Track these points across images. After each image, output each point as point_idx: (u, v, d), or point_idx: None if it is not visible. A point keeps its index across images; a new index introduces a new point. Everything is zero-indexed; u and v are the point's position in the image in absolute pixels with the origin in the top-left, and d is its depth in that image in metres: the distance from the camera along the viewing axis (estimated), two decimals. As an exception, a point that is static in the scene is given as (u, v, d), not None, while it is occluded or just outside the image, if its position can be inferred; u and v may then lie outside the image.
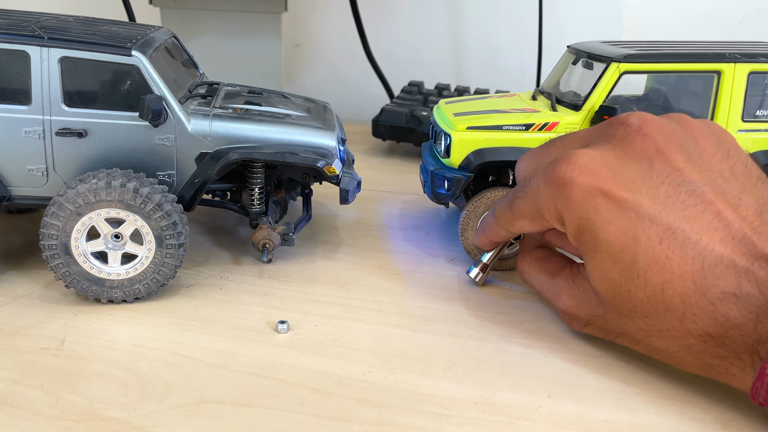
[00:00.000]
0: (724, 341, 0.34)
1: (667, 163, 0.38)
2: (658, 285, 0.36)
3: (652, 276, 0.36)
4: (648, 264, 0.36)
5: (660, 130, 0.39)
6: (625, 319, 0.38)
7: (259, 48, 0.88)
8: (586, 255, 0.39)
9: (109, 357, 0.39)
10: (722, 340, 0.34)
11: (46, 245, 0.43)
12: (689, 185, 0.37)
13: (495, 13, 1.03)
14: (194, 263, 0.52)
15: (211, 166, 0.47)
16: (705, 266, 0.35)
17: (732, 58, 0.50)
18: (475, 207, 0.51)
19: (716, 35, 0.98)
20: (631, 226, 0.36)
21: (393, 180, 0.73)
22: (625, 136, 0.39)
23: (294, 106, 0.53)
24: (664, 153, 0.38)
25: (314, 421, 0.35)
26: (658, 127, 0.39)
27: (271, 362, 0.40)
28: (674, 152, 0.38)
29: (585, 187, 0.38)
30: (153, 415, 0.34)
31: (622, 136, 0.39)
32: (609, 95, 0.50)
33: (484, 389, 0.38)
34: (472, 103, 0.57)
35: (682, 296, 0.35)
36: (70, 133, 0.45)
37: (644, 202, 0.37)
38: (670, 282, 0.35)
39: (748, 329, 0.33)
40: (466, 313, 0.46)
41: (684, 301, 0.35)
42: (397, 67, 1.02)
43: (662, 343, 0.37)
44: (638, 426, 0.35)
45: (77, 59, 0.44)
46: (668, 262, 0.35)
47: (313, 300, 0.47)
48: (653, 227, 0.36)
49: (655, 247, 0.36)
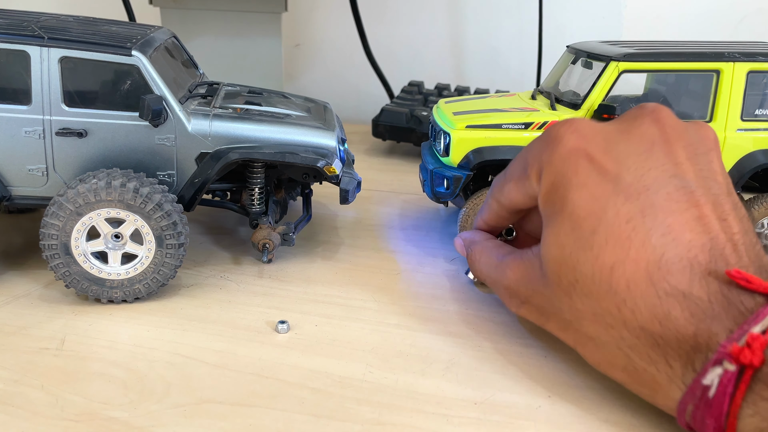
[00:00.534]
0: (658, 341, 0.32)
1: (668, 153, 0.37)
2: (608, 263, 0.34)
3: (606, 252, 0.34)
4: (606, 239, 0.34)
5: (672, 123, 0.38)
6: (562, 295, 0.36)
7: (259, 48, 0.88)
8: (549, 217, 0.38)
9: (109, 357, 0.39)
10: (656, 339, 0.32)
11: (46, 245, 0.43)
12: (682, 181, 0.35)
13: (495, 13, 1.03)
14: (194, 263, 0.52)
15: (211, 166, 0.47)
16: (663, 259, 0.33)
17: (731, 57, 0.50)
18: (475, 205, 0.51)
19: (716, 35, 0.98)
20: (604, 195, 0.35)
21: (393, 180, 0.73)
22: (636, 115, 0.39)
23: (294, 106, 0.53)
24: (669, 143, 0.37)
25: (314, 421, 0.35)
26: (671, 120, 0.38)
27: (271, 362, 0.40)
28: (679, 146, 0.37)
29: (572, 147, 0.37)
30: (153, 415, 0.34)
31: (634, 115, 0.39)
32: (608, 94, 0.50)
33: (484, 389, 0.38)
34: (471, 102, 0.57)
35: (629, 281, 0.33)
36: (70, 133, 0.45)
37: (626, 178, 0.35)
38: (622, 263, 0.34)
39: (687, 333, 0.32)
40: (466, 313, 0.46)
41: (629, 287, 0.33)
42: (397, 67, 1.02)
43: (593, 330, 0.35)
44: (638, 426, 0.35)
45: (77, 59, 0.44)
46: (627, 243, 0.34)
47: (313, 300, 0.47)
48: (626, 204, 0.35)
49: (621, 224, 0.34)
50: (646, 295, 0.33)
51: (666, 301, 0.32)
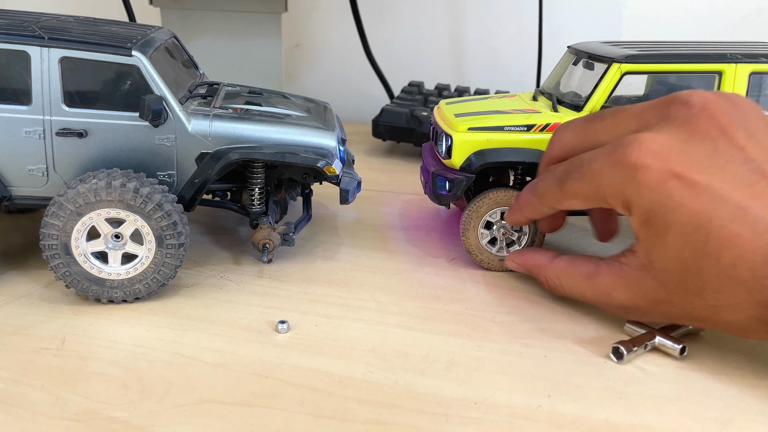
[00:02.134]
0: None
1: (730, 142, 0.38)
2: (729, 262, 0.37)
3: (723, 253, 0.37)
4: (720, 242, 0.37)
5: (721, 110, 0.39)
6: (693, 297, 0.39)
7: (259, 48, 0.88)
8: (653, 238, 0.39)
9: (109, 357, 0.39)
10: None
11: (47, 245, 0.43)
12: (752, 163, 0.38)
13: (495, 13, 1.03)
14: (194, 263, 0.52)
15: (212, 166, 0.47)
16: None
17: (733, 58, 0.50)
18: (477, 207, 0.51)
19: (716, 35, 0.98)
20: (704, 208, 0.37)
21: (393, 180, 0.73)
22: (690, 117, 0.40)
23: (294, 106, 0.53)
24: (728, 133, 0.39)
25: (314, 421, 0.35)
26: (719, 107, 0.40)
27: (271, 362, 0.40)
28: (735, 131, 0.39)
29: (658, 172, 0.38)
30: (153, 415, 0.34)
31: (686, 118, 0.40)
32: (610, 96, 0.50)
33: (484, 389, 0.38)
34: (473, 103, 0.57)
35: (752, 270, 0.36)
36: (70, 133, 0.45)
37: (715, 184, 0.37)
38: (741, 257, 0.36)
39: None
40: (466, 313, 0.46)
41: (754, 274, 0.36)
42: (397, 67, 1.02)
43: (731, 317, 0.38)
44: (638, 426, 0.35)
45: (77, 59, 0.44)
46: (739, 239, 0.36)
47: (313, 300, 0.47)
48: (725, 207, 0.37)
49: (727, 226, 0.37)
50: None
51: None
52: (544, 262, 0.47)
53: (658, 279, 0.40)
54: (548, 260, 0.47)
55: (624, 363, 0.40)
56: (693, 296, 0.39)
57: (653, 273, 0.40)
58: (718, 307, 0.38)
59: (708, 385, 0.39)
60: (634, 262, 0.41)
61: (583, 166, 0.42)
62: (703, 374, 0.40)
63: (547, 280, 0.47)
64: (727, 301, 0.37)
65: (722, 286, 0.37)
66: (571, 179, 0.43)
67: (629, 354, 0.40)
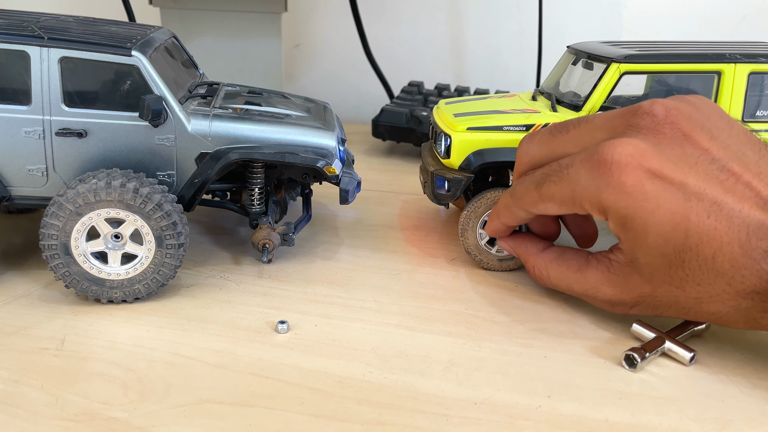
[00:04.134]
0: None
1: (695, 145, 0.40)
2: (709, 254, 0.38)
3: (703, 247, 0.38)
4: (699, 237, 0.38)
5: (683, 116, 0.41)
6: (676, 290, 0.40)
7: (259, 48, 0.88)
8: (633, 240, 0.40)
9: (109, 357, 0.39)
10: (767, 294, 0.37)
11: (46, 245, 0.43)
12: (718, 162, 0.39)
13: (495, 13, 1.03)
14: (194, 263, 0.52)
15: (211, 166, 0.47)
16: (750, 231, 0.37)
17: (732, 58, 0.50)
18: (476, 207, 0.51)
19: (716, 35, 0.98)
20: (680, 206, 0.39)
21: (393, 180, 0.73)
22: (654, 126, 0.41)
23: (294, 106, 0.53)
24: (691, 137, 0.40)
25: (314, 421, 0.35)
26: (680, 114, 0.41)
27: (271, 362, 0.40)
28: (698, 134, 0.40)
29: (635, 172, 0.39)
30: (153, 415, 0.34)
31: (651, 126, 0.41)
32: (609, 96, 0.50)
33: (484, 389, 0.38)
34: (472, 103, 0.57)
35: (731, 261, 0.37)
36: (70, 133, 0.45)
37: (689, 181, 0.39)
38: (720, 250, 0.38)
39: None
40: (466, 313, 0.46)
41: (733, 265, 0.37)
42: (397, 67, 1.02)
43: (713, 308, 0.39)
44: (638, 426, 0.35)
45: (77, 59, 0.44)
46: (717, 233, 0.38)
47: (313, 300, 0.47)
48: (700, 203, 0.38)
49: (704, 221, 0.38)
50: (747, 265, 0.37)
51: (765, 263, 0.37)
52: (535, 251, 0.48)
53: (644, 275, 0.41)
54: (539, 249, 0.48)
55: (636, 371, 0.40)
56: (676, 289, 0.40)
57: (639, 269, 0.41)
58: (700, 299, 0.39)
59: (708, 385, 0.39)
60: (622, 259, 0.42)
61: (561, 170, 0.43)
62: (703, 374, 0.40)
63: (535, 268, 0.48)
64: (709, 293, 0.39)
65: (703, 278, 0.39)
66: (548, 182, 0.43)
67: (642, 362, 0.40)
